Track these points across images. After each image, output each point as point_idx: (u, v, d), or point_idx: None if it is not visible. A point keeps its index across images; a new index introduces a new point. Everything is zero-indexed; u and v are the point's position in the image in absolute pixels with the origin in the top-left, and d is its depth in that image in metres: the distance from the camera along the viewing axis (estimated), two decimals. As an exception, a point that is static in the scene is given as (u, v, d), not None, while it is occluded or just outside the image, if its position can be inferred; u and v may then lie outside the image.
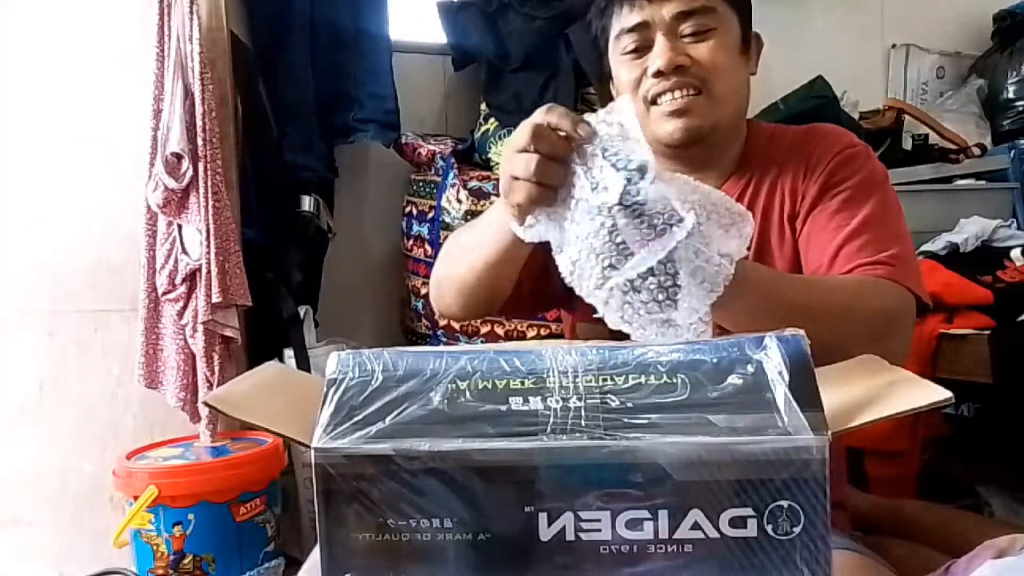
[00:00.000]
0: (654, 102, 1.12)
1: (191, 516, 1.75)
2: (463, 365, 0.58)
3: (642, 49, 1.11)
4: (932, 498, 1.79)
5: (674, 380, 0.57)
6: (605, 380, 0.57)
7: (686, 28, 1.10)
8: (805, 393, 0.54)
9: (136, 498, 1.73)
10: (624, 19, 1.12)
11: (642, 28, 1.10)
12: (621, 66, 1.15)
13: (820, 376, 0.57)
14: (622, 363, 0.58)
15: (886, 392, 0.62)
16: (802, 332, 0.59)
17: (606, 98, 2.01)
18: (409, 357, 0.58)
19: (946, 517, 1.46)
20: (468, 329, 2.18)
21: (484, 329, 2.18)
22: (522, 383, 0.57)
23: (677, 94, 1.10)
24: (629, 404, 0.55)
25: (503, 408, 0.55)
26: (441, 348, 0.60)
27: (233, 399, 0.62)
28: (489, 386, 0.57)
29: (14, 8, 1.97)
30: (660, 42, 1.09)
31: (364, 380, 0.57)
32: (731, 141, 1.19)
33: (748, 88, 1.20)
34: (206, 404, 0.74)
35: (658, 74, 1.09)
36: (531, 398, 0.56)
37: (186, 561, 1.75)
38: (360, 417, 0.55)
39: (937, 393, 0.58)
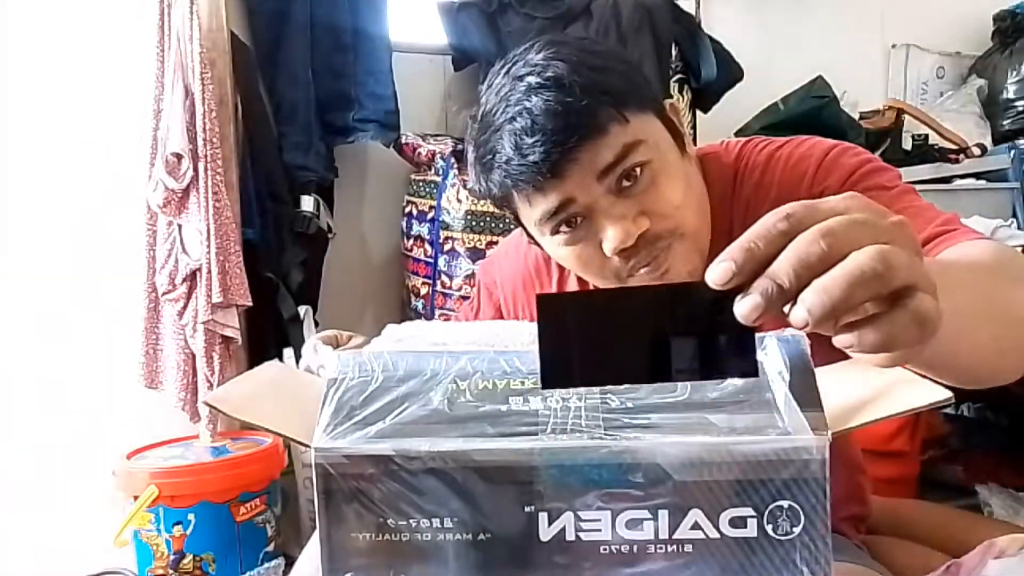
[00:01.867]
0: (629, 275, 0.90)
1: (191, 516, 1.75)
2: (463, 365, 0.58)
3: (580, 224, 0.89)
4: (932, 498, 1.79)
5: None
6: None
7: (620, 180, 0.86)
8: (805, 393, 0.54)
9: (136, 498, 1.73)
10: (541, 205, 0.88)
11: (567, 205, 0.87)
12: (563, 249, 0.91)
13: (820, 376, 0.57)
14: None
15: (886, 392, 0.62)
16: (802, 332, 0.59)
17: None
18: (409, 357, 0.58)
19: (946, 517, 1.46)
20: (468, 329, 2.18)
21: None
22: (522, 383, 0.57)
23: (653, 258, 0.89)
24: (629, 404, 0.55)
25: (503, 408, 0.55)
26: (442, 350, 0.60)
27: (233, 399, 0.62)
28: (489, 386, 0.57)
29: (14, 8, 1.97)
30: (605, 218, 0.87)
31: (364, 380, 0.57)
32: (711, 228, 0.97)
33: (699, 175, 0.97)
34: (206, 404, 0.74)
35: (621, 252, 0.87)
36: (531, 398, 0.56)
37: (186, 561, 1.75)
38: (360, 417, 0.55)
39: (937, 393, 0.58)
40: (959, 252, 0.77)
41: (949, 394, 0.57)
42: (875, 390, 0.62)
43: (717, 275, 0.46)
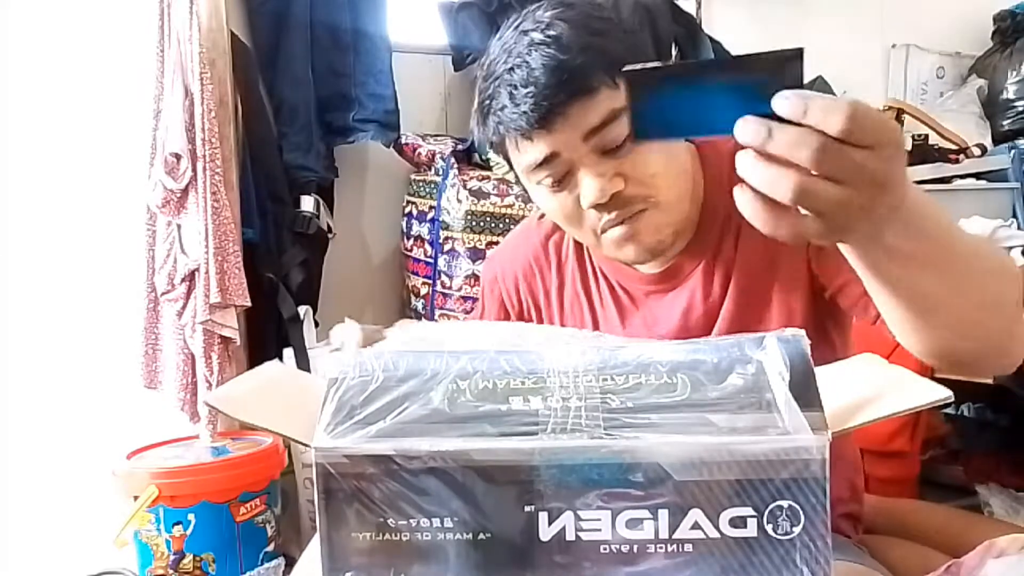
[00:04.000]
0: (603, 232, 0.96)
1: (191, 516, 1.75)
2: (464, 365, 0.58)
3: (563, 178, 0.94)
4: (932, 498, 1.79)
5: (674, 380, 0.57)
6: (605, 380, 0.57)
7: (603, 143, 0.91)
8: (805, 393, 0.54)
9: (136, 498, 1.73)
10: (527, 154, 0.94)
11: (552, 158, 0.92)
12: (546, 199, 0.98)
13: (820, 375, 0.57)
14: (622, 363, 0.58)
15: (886, 391, 0.62)
16: (802, 332, 0.59)
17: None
18: (410, 357, 0.59)
19: (946, 517, 1.45)
20: (468, 329, 2.18)
21: (484, 329, 2.18)
22: (522, 383, 0.57)
23: (624, 218, 0.94)
24: (629, 404, 0.55)
25: (503, 408, 0.55)
26: (442, 350, 0.60)
27: (233, 399, 0.62)
28: (489, 386, 0.57)
29: (14, 8, 1.97)
30: (584, 174, 0.92)
31: (365, 380, 0.57)
32: (694, 219, 1.03)
33: (686, 153, 1.01)
34: (207, 404, 0.74)
35: (595, 207, 0.93)
36: (531, 398, 0.56)
37: (186, 561, 1.75)
38: (361, 416, 0.55)
39: (937, 392, 0.58)
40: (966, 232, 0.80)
41: (949, 393, 0.57)
42: (875, 389, 0.62)
43: (780, 106, 0.57)
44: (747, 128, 0.56)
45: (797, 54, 0.56)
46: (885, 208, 0.58)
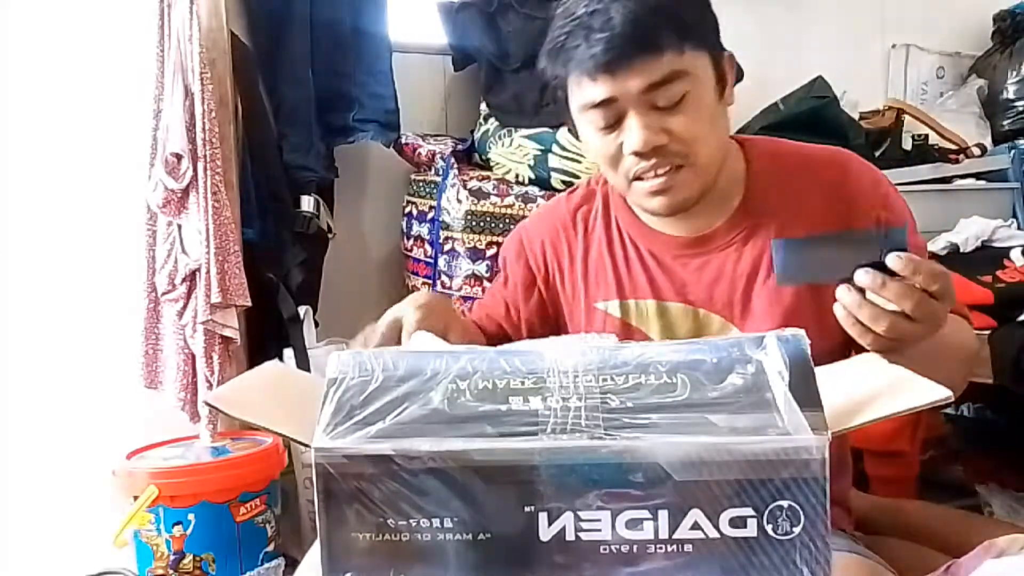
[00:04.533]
0: (636, 178, 1.05)
1: (191, 516, 1.75)
2: (463, 365, 0.58)
3: (614, 124, 1.03)
4: (932, 498, 1.79)
5: (674, 380, 0.57)
6: (605, 380, 0.57)
7: (658, 99, 1.00)
8: (805, 393, 0.54)
9: (136, 498, 1.73)
10: (587, 93, 1.02)
11: (609, 103, 1.01)
12: (593, 139, 1.06)
13: (820, 375, 0.57)
14: (622, 363, 0.58)
15: (886, 391, 0.62)
16: (802, 332, 0.59)
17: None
18: (409, 357, 0.58)
19: (946, 517, 1.46)
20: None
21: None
22: (522, 383, 0.57)
23: (659, 172, 1.03)
24: (629, 404, 0.55)
25: (503, 408, 0.55)
26: (442, 349, 0.60)
27: (234, 398, 0.62)
28: (489, 386, 0.57)
29: (14, 8, 1.97)
30: (634, 121, 1.00)
31: (364, 380, 0.57)
32: (723, 183, 1.11)
33: (728, 122, 1.11)
34: (207, 404, 0.74)
35: (636, 154, 1.02)
36: (531, 398, 0.56)
37: (186, 561, 1.75)
38: (360, 417, 0.55)
39: (937, 392, 0.58)
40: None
41: (949, 393, 0.57)
42: (875, 389, 0.62)
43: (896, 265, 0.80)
44: (868, 277, 0.80)
45: (904, 229, 0.83)
46: (931, 335, 0.84)
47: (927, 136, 2.66)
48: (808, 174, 1.11)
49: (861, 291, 0.81)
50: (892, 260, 0.79)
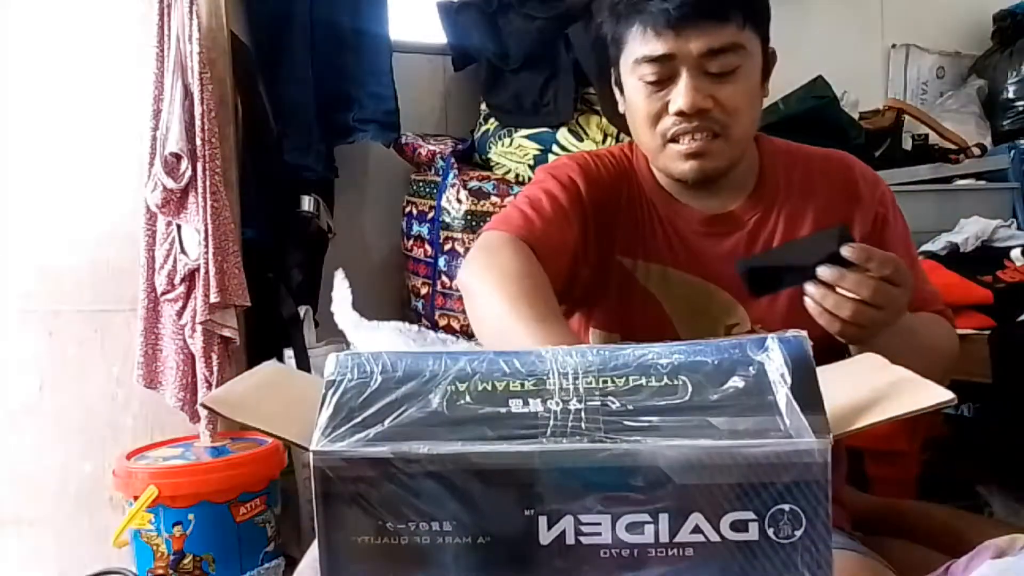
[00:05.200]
0: (672, 139, 1.08)
1: (191, 516, 1.75)
2: (463, 367, 0.58)
3: (664, 81, 1.06)
4: (932, 498, 1.78)
5: (675, 382, 0.56)
6: (605, 382, 0.56)
7: (712, 66, 1.04)
8: (807, 395, 0.54)
9: (136, 498, 1.72)
10: (648, 45, 1.05)
11: (666, 60, 1.04)
12: (638, 93, 1.09)
13: (822, 376, 0.56)
14: (623, 365, 0.58)
15: (888, 393, 0.62)
16: (804, 333, 0.59)
17: (606, 99, 1.98)
18: (408, 359, 0.58)
19: (946, 517, 1.45)
20: (469, 330, 2.18)
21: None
22: (522, 385, 0.57)
23: (697, 136, 1.07)
24: (630, 406, 0.55)
25: (503, 411, 0.55)
26: (440, 349, 0.59)
27: (231, 400, 0.62)
28: (489, 388, 0.56)
29: (14, 8, 1.96)
30: (685, 81, 1.04)
31: (363, 382, 0.56)
32: (741, 168, 1.16)
33: (761, 109, 1.16)
34: (204, 406, 0.74)
35: (680, 114, 1.05)
36: (531, 400, 0.55)
37: (186, 561, 1.75)
38: (359, 419, 0.54)
39: (939, 394, 0.58)
40: (924, 317, 1.12)
41: (951, 395, 0.57)
42: (878, 391, 0.62)
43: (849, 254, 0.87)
44: (827, 271, 0.88)
45: (847, 226, 0.97)
46: (895, 320, 0.89)
47: (927, 136, 2.66)
48: (815, 170, 1.17)
49: (827, 285, 0.88)
50: (846, 251, 0.87)
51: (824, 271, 0.88)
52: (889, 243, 1.12)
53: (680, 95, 1.04)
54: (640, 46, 1.06)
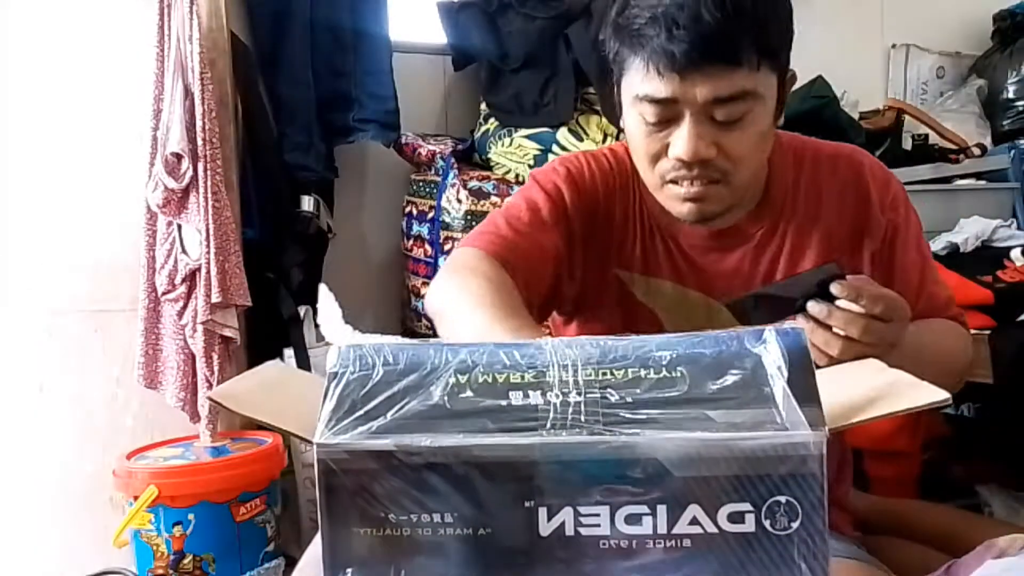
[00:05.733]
0: (671, 180, 1.01)
1: (191, 516, 1.75)
2: (463, 358, 0.58)
3: (665, 122, 0.97)
4: (932, 498, 1.79)
5: (673, 374, 0.56)
6: (605, 374, 0.57)
7: (718, 113, 0.95)
8: (803, 388, 0.54)
9: (136, 498, 1.73)
10: (649, 84, 0.95)
11: (669, 102, 0.95)
12: (637, 129, 1.01)
13: (820, 376, 0.57)
14: (621, 357, 0.58)
15: (885, 392, 0.62)
16: (802, 327, 0.59)
17: (606, 99, 1.96)
18: (409, 351, 0.58)
19: (946, 517, 1.46)
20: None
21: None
22: (522, 377, 0.57)
23: (696, 183, 0.99)
24: (628, 399, 0.55)
25: (503, 403, 0.55)
26: (441, 341, 0.60)
27: (237, 395, 0.62)
28: (489, 380, 0.57)
29: (14, 8, 1.97)
30: (688, 128, 0.95)
31: (365, 374, 0.57)
32: (756, 194, 1.10)
33: (773, 141, 1.07)
34: (210, 400, 0.74)
35: (680, 160, 0.97)
36: (531, 392, 0.55)
37: (186, 561, 1.76)
38: (362, 412, 0.55)
39: (935, 394, 0.58)
40: (935, 325, 1.10)
41: (947, 396, 0.57)
42: (874, 390, 0.63)
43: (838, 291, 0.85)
44: (816, 307, 0.85)
45: (834, 264, 0.91)
46: (889, 353, 0.83)
47: (927, 136, 2.66)
48: (825, 174, 1.11)
49: (818, 321, 0.85)
50: (835, 287, 0.84)
51: (813, 307, 0.85)
52: (900, 250, 1.09)
53: (681, 142, 0.96)
54: (641, 83, 0.97)
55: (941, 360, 1.04)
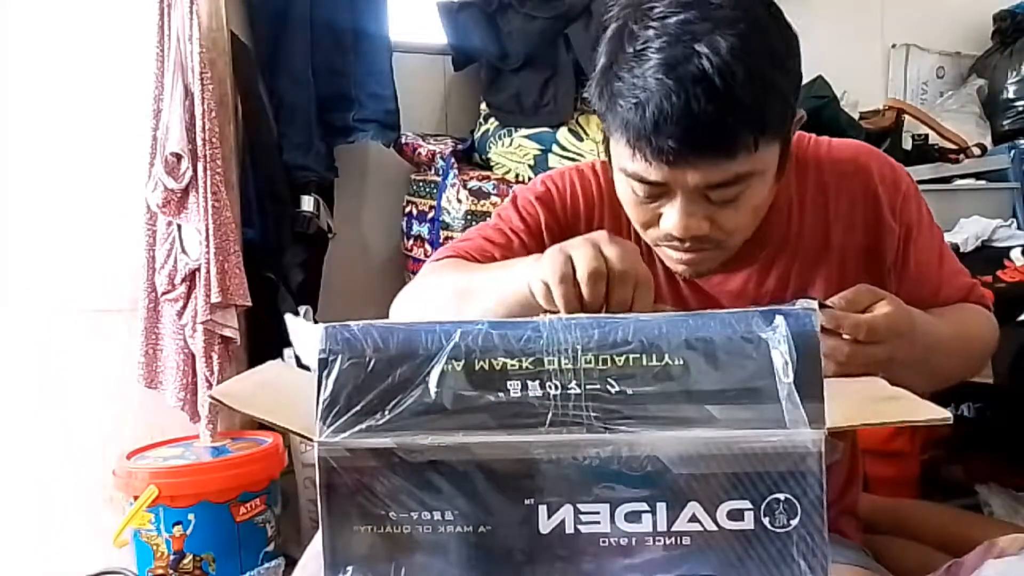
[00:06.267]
0: (665, 245, 0.96)
1: (191, 516, 1.75)
2: (457, 342, 0.56)
3: (655, 196, 0.91)
4: (932, 498, 1.79)
5: (677, 362, 0.55)
6: (605, 361, 0.55)
7: (713, 195, 0.88)
8: (808, 381, 0.54)
9: (136, 498, 1.73)
10: (637, 165, 0.88)
11: (661, 185, 0.89)
12: (627, 197, 0.95)
13: (828, 382, 0.56)
14: (623, 341, 0.56)
15: (886, 404, 0.63)
16: (814, 305, 0.58)
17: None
18: (400, 333, 0.57)
19: (946, 517, 1.46)
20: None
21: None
22: (520, 364, 0.55)
23: (690, 252, 0.94)
24: (629, 390, 0.54)
25: (503, 396, 0.55)
26: (433, 322, 0.58)
27: (238, 393, 0.63)
28: (486, 367, 0.55)
29: (15, 8, 1.97)
30: (680, 207, 0.89)
31: (356, 363, 0.55)
32: None
33: (773, 194, 1.00)
34: (211, 398, 0.74)
35: (671, 236, 0.92)
36: (530, 383, 0.55)
37: (186, 561, 1.76)
38: (358, 407, 0.54)
39: (935, 412, 0.58)
40: (959, 313, 1.08)
41: (947, 415, 0.57)
42: (876, 402, 0.63)
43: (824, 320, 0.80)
44: None
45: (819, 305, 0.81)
46: (887, 368, 0.82)
47: (927, 136, 2.66)
48: (831, 187, 1.05)
49: None
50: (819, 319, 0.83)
51: None
52: (916, 247, 1.06)
53: (672, 220, 0.90)
54: (628, 161, 0.89)
55: (965, 348, 1.05)
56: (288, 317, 1.85)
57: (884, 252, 1.05)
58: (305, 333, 1.77)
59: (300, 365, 2.03)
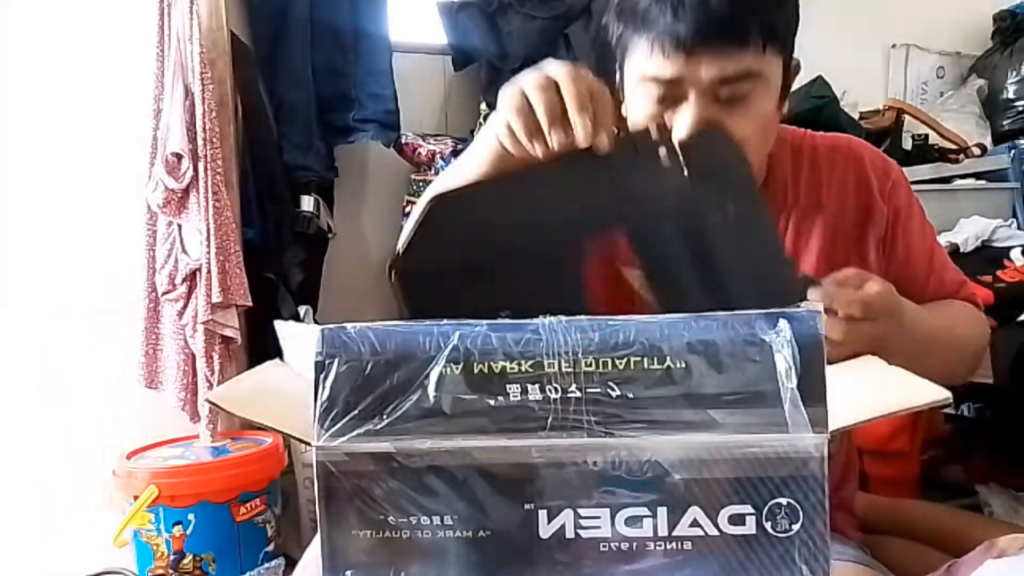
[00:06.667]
0: None
1: (191, 516, 1.75)
2: (455, 344, 0.55)
3: (670, 99, 0.96)
4: (932, 498, 1.79)
5: (679, 365, 0.55)
6: (606, 364, 0.54)
7: (723, 93, 0.94)
8: (811, 384, 0.53)
9: (136, 498, 1.73)
10: (654, 65, 0.94)
11: (675, 81, 0.94)
12: (641, 111, 0.99)
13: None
14: (623, 344, 0.55)
15: (886, 390, 0.62)
16: (819, 308, 0.58)
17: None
18: (397, 335, 0.56)
19: (946, 517, 1.46)
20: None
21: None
22: (519, 367, 0.55)
23: None
24: (630, 394, 0.54)
25: (502, 400, 0.54)
26: (430, 323, 0.57)
27: (235, 397, 0.62)
28: (485, 370, 0.55)
29: (15, 8, 1.97)
30: (692, 110, 0.94)
31: (353, 366, 0.55)
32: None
33: (776, 131, 1.06)
34: (208, 402, 0.74)
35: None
36: (530, 386, 0.54)
37: (186, 561, 1.76)
38: (356, 411, 0.54)
39: (936, 392, 0.58)
40: (948, 309, 1.09)
41: (947, 394, 0.57)
42: (875, 389, 0.62)
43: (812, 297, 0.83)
44: None
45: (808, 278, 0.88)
46: (882, 348, 0.80)
47: (927, 136, 2.66)
48: (824, 166, 1.10)
49: None
50: (810, 294, 0.84)
51: None
52: (905, 235, 1.09)
53: (683, 124, 0.94)
54: (646, 64, 0.95)
55: (956, 345, 1.05)
56: (278, 323, 1.84)
57: (874, 232, 1.08)
58: (298, 337, 1.77)
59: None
